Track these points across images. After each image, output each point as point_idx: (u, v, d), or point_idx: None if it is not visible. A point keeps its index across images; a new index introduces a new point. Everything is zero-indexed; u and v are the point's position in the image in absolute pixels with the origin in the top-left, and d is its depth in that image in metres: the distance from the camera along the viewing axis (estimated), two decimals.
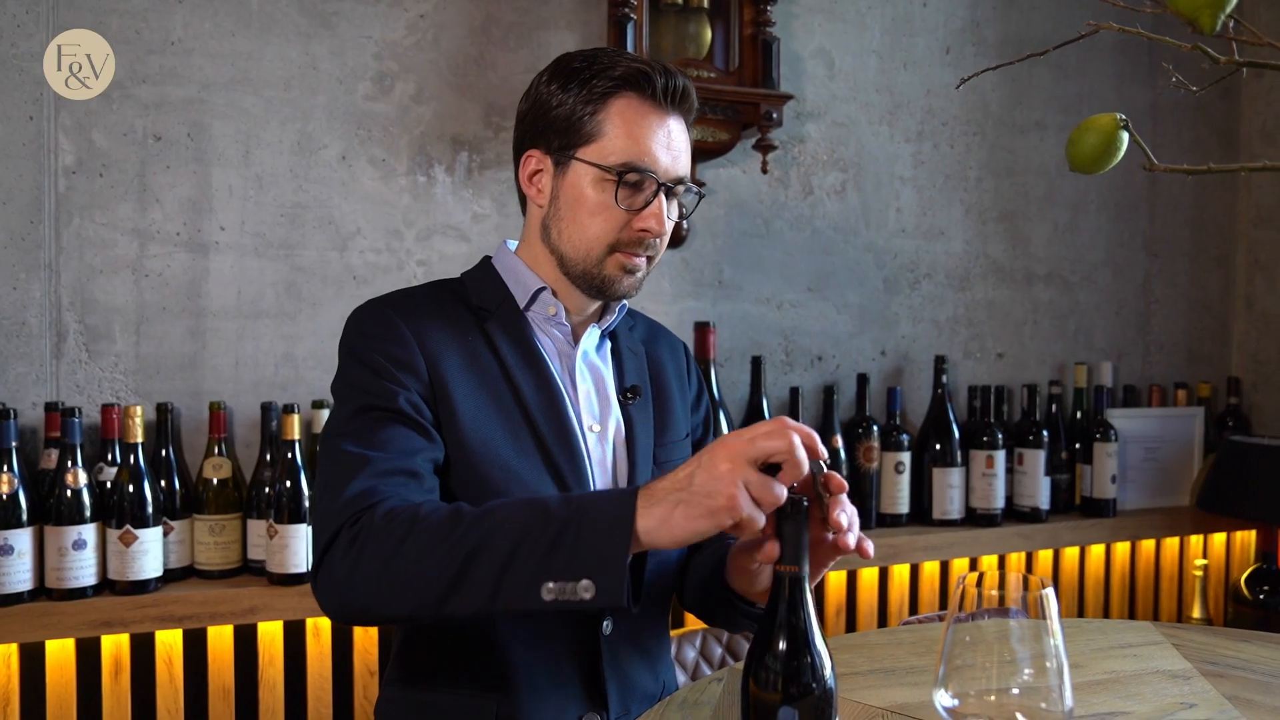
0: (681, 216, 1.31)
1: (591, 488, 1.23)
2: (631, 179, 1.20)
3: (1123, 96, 2.84)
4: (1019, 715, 0.82)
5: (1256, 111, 2.97)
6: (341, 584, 1.04)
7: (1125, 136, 1.05)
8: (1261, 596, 2.65)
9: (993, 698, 0.81)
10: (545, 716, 1.18)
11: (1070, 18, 2.75)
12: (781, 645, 0.87)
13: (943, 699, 0.83)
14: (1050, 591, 0.80)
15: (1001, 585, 0.82)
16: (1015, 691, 0.82)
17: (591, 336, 1.33)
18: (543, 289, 1.28)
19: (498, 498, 1.15)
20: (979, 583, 0.82)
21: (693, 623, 2.18)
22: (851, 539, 0.98)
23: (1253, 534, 2.91)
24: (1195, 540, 2.87)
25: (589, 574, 0.93)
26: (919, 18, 2.62)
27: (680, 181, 1.24)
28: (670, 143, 1.22)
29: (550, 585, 0.94)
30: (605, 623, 1.22)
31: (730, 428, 2.28)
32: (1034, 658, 0.81)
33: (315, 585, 1.08)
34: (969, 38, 2.67)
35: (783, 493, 0.91)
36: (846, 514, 0.99)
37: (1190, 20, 0.88)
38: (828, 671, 0.86)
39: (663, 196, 1.22)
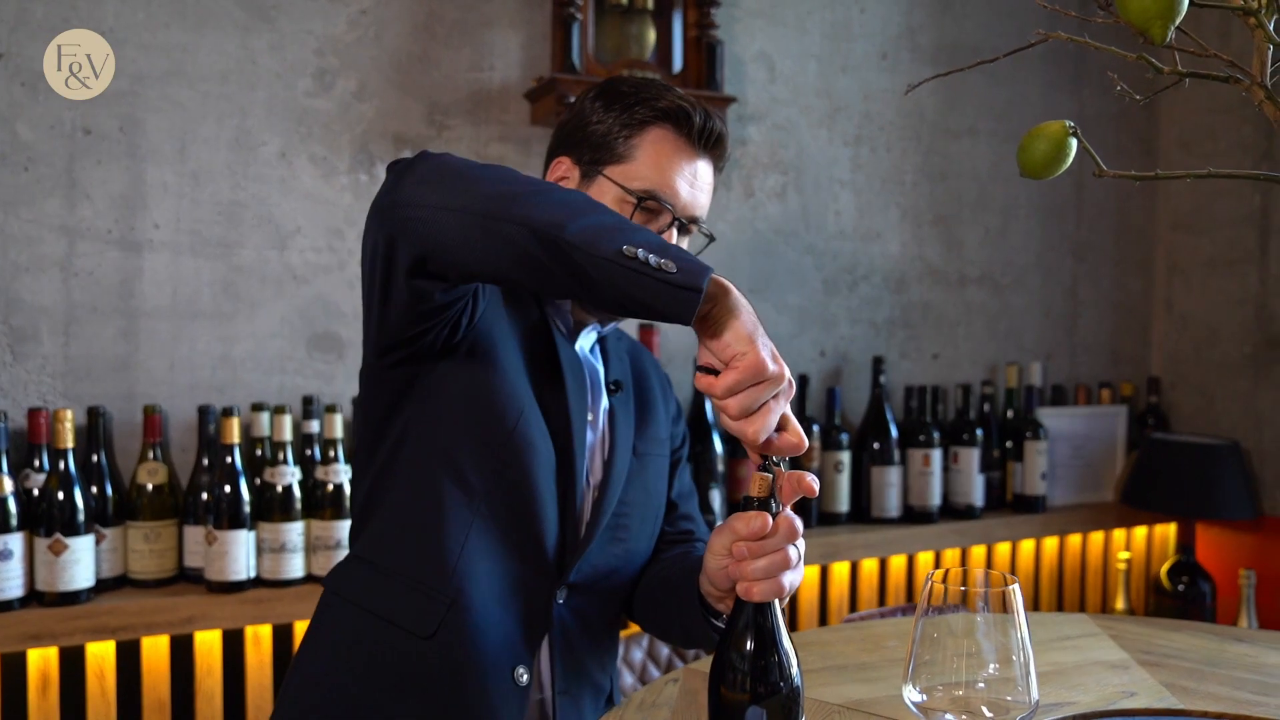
0: None
1: (584, 463, 1.26)
2: (650, 206, 1.24)
3: (1049, 104, 2.93)
4: (984, 709, 0.83)
5: (1174, 121, 3.09)
6: (407, 168, 1.03)
7: (1074, 143, 1.08)
8: (1181, 588, 2.75)
9: (960, 692, 0.83)
10: (488, 643, 1.18)
11: (1001, 26, 2.83)
12: (749, 645, 0.87)
13: (911, 694, 0.84)
14: (1016, 587, 0.82)
15: (968, 581, 0.84)
16: (981, 685, 0.83)
17: (589, 336, 1.35)
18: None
19: (502, 425, 1.18)
20: (946, 579, 0.84)
21: None
22: (757, 589, 0.91)
23: (1172, 527, 3.03)
24: (1119, 534, 2.97)
25: (677, 261, 0.91)
26: (857, 23, 2.66)
27: (695, 220, 1.28)
28: (695, 181, 1.26)
29: (635, 247, 0.92)
30: (559, 590, 1.24)
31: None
32: (1000, 652, 0.83)
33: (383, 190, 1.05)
34: (905, 44, 2.72)
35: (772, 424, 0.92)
36: (759, 564, 0.93)
37: (1142, 30, 0.90)
38: (795, 670, 0.87)
39: (675, 230, 1.26)
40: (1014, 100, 2.89)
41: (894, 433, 2.55)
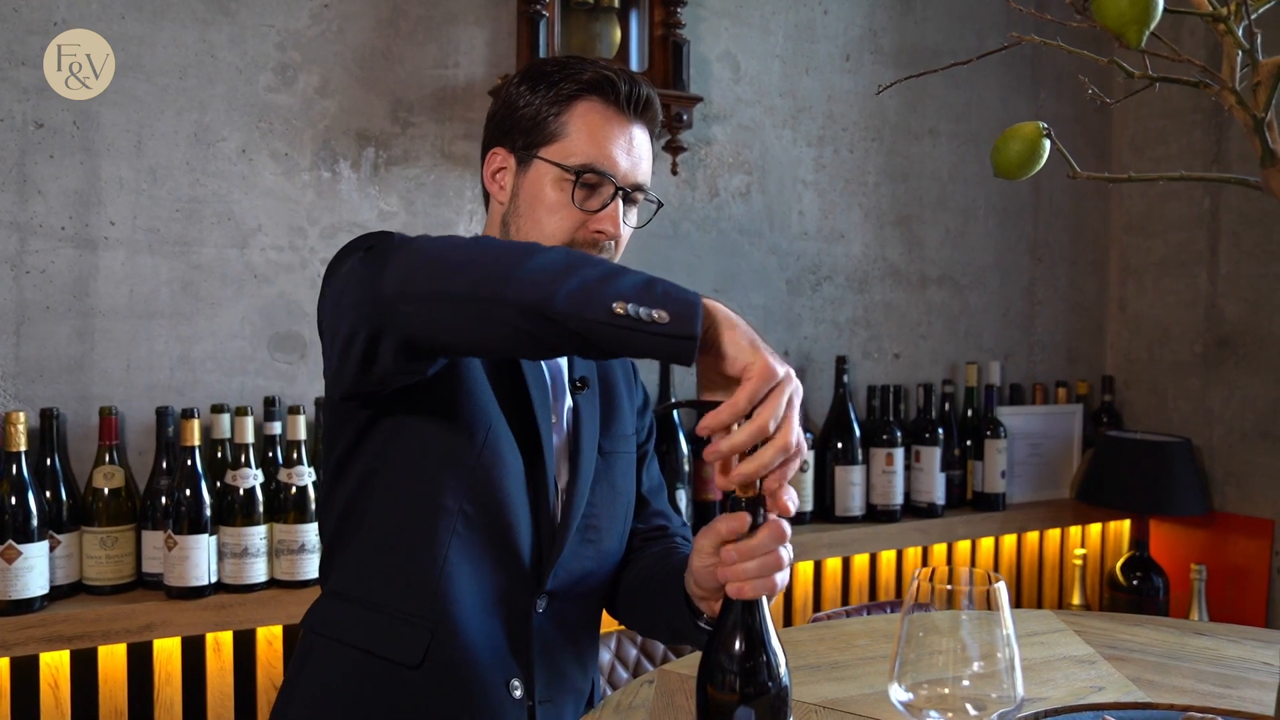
0: (638, 225, 1.32)
1: (552, 468, 1.25)
2: (590, 180, 1.22)
3: (1007, 107, 2.97)
4: (968, 706, 0.84)
5: (1126, 125, 3.16)
6: (384, 259, 1.00)
7: (1047, 145, 1.10)
8: (1135, 583, 2.81)
9: (946, 690, 0.84)
10: (478, 662, 1.17)
11: (962, 29, 2.86)
12: (738, 646, 0.87)
13: (898, 693, 0.85)
14: (1001, 585, 0.83)
15: (953, 580, 0.84)
16: (966, 683, 0.84)
17: None
18: None
19: (470, 445, 1.17)
20: (932, 577, 0.84)
21: (607, 625, 2.18)
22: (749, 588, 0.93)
23: (1126, 524, 3.09)
24: (1075, 531, 3.02)
25: (664, 307, 0.90)
26: (820, 25, 2.68)
27: (639, 188, 1.27)
28: (631, 149, 1.25)
29: (624, 304, 0.89)
30: (539, 600, 1.23)
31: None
32: (984, 649, 0.83)
33: (340, 274, 1.05)
34: (867, 46, 2.75)
35: (798, 435, 0.91)
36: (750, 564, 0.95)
37: (1118, 35, 0.92)
38: (783, 670, 0.87)
39: (620, 200, 1.24)
40: (973, 103, 2.92)
41: (857, 432, 2.57)
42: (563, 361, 1.34)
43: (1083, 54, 1.10)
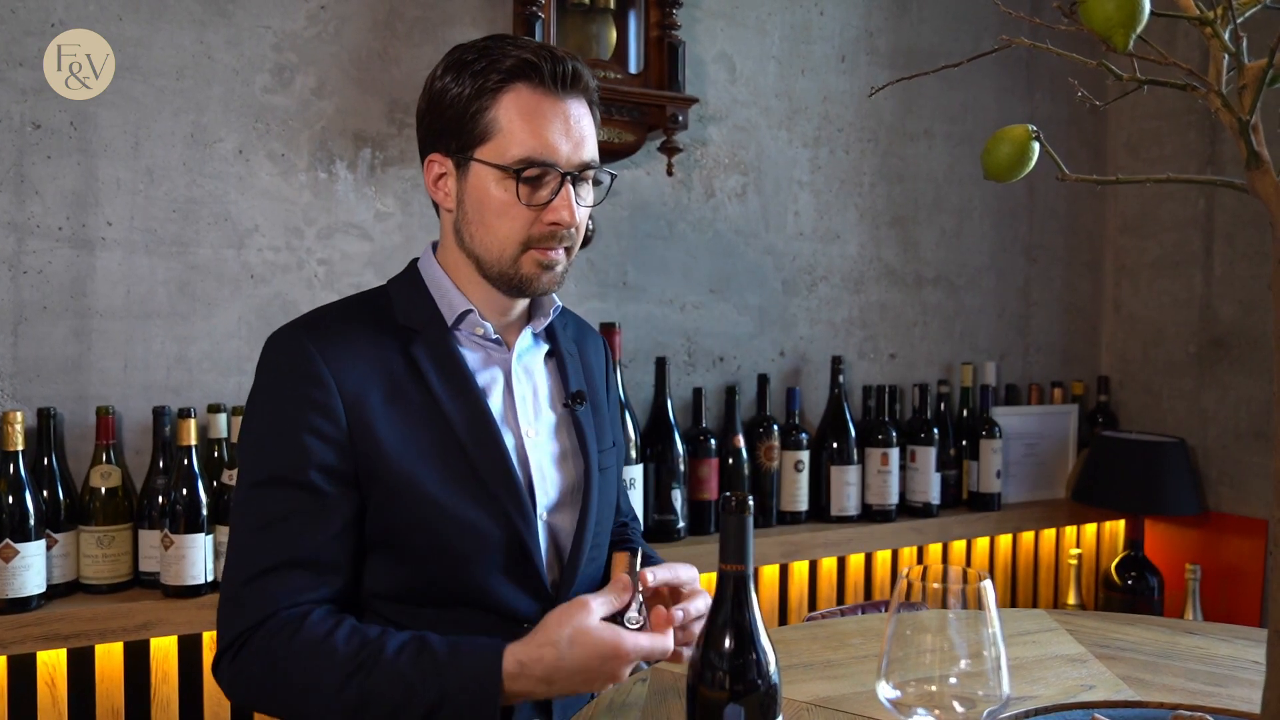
0: (596, 202, 1.27)
1: (529, 511, 1.22)
2: (531, 174, 1.17)
3: (1002, 108, 2.98)
4: (955, 704, 0.85)
5: (1121, 126, 3.16)
6: (232, 687, 1.14)
7: (1036, 147, 1.10)
8: (1130, 582, 2.82)
9: (933, 687, 0.84)
10: None
11: (957, 30, 2.87)
12: (728, 644, 0.87)
13: (885, 691, 0.85)
14: (988, 583, 0.84)
15: (942, 579, 0.85)
16: (953, 681, 0.85)
17: (524, 340, 1.32)
18: (468, 312, 1.25)
19: (428, 534, 1.15)
20: (920, 575, 0.85)
21: None
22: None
23: (1121, 524, 3.10)
24: (1070, 531, 3.03)
25: None
26: (816, 26, 2.68)
27: (587, 167, 1.21)
28: (569, 129, 1.18)
29: None
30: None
31: (636, 430, 2.29)
32: (972, 647, 0.84)
33: (215, 673, 1.15)
34: (863, 47, 2.75)
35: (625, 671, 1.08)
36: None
37: (1105, 38, 0.92)
38: (773, 668, 0.88)
39: (569, 186, 1.19)
40: (968, 104, 2.93)
41: (852, 432, 2.57)
42: (543, 377, 1.33)
43: (1072, 57, 1.10)
